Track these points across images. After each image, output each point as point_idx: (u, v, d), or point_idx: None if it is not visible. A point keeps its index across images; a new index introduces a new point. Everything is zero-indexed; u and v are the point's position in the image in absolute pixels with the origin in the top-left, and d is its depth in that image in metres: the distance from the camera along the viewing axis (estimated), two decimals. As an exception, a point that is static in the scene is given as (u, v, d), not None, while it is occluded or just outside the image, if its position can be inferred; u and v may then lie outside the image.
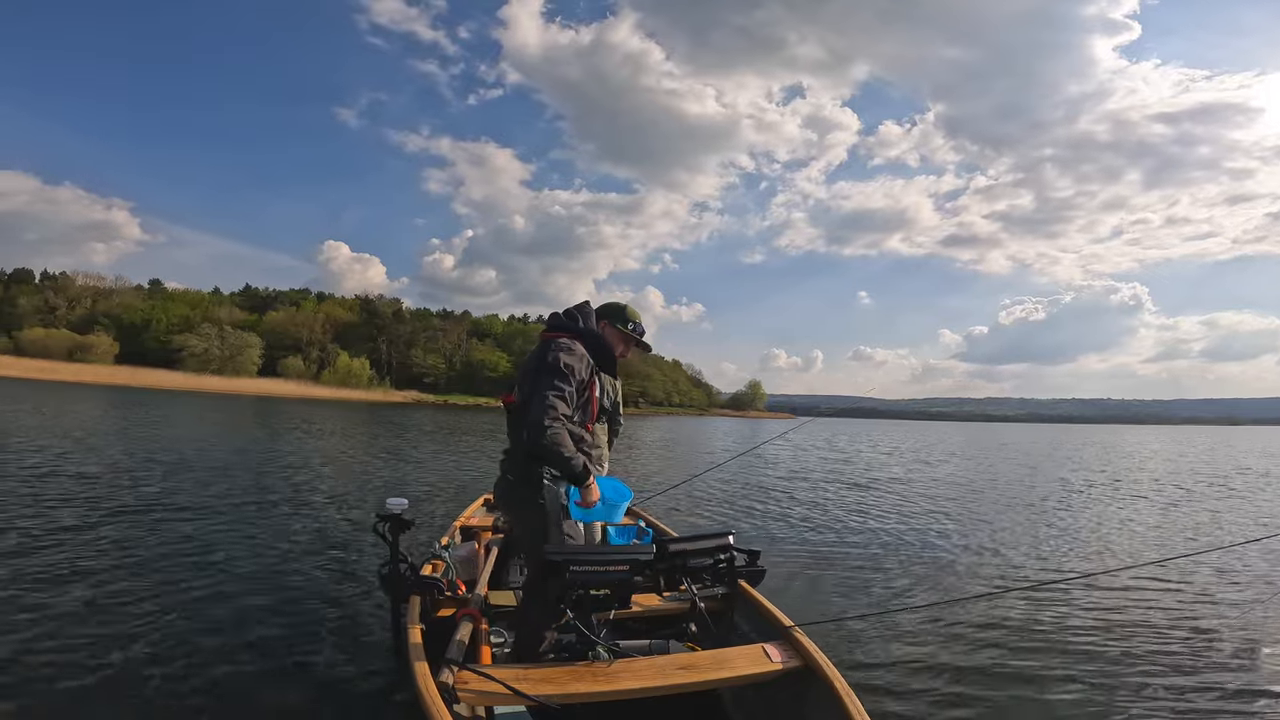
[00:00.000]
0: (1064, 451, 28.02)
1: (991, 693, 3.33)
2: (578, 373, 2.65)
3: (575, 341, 2.75)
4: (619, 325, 3.00)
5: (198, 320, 79.00)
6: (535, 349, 2.81)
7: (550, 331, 2.83)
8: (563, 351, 2.66)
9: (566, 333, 2.80)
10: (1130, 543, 7.65)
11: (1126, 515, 9.82)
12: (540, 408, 2.50)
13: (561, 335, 2.78)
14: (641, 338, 3.08)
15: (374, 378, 79.77)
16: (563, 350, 2.66)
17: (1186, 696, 3.38)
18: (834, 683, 2.27)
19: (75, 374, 57.74)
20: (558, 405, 2.52)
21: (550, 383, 2.57)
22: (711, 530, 2.94)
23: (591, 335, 2.82)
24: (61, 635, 3.46)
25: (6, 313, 75.78)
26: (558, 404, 2.52)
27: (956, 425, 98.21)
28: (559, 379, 2.58)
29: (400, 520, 3.06)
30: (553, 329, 2.84)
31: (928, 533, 7.77)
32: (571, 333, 2.80)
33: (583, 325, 2.83)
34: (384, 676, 3.18)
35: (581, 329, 2.81)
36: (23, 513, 6.13)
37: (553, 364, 2.61)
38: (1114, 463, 21.41)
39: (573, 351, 2.68)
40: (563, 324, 2.84)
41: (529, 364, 2.76)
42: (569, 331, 2.80)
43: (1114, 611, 4.78)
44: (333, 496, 8.32)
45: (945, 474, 16.13)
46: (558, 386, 2.56)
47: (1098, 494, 12.53)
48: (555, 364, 2.61)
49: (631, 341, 3.06)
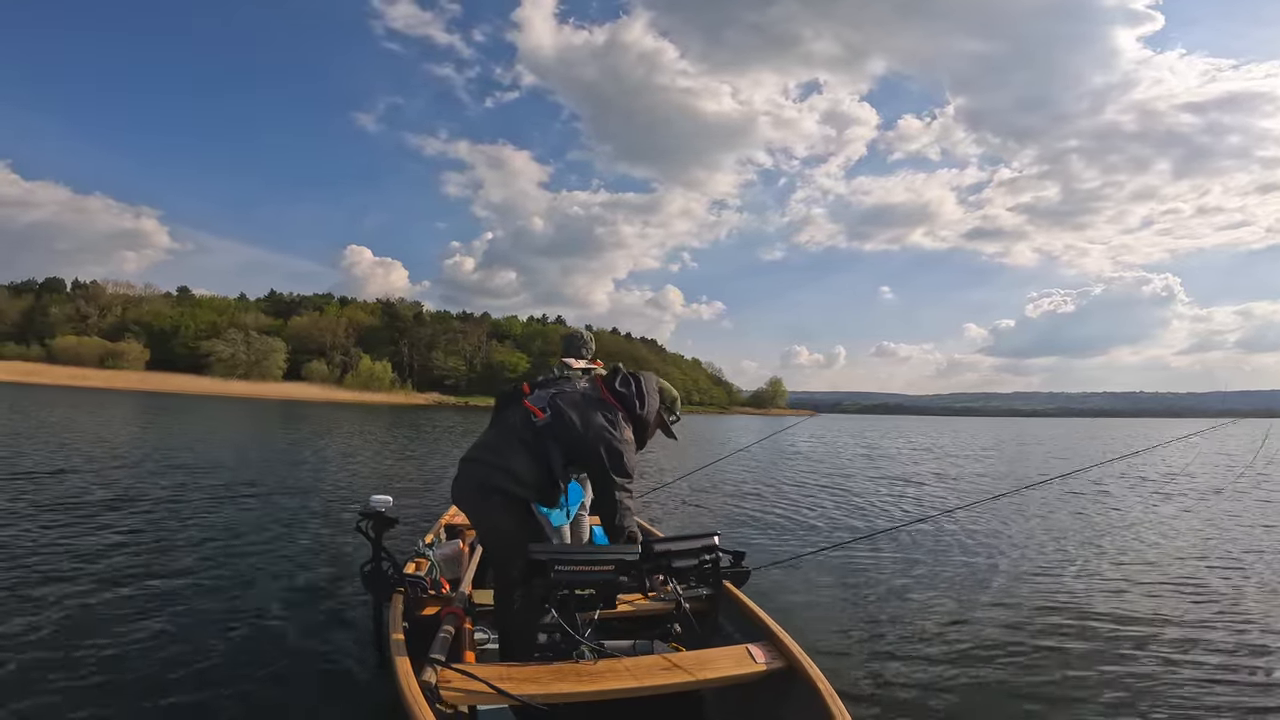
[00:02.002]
0: (1095, 444, 27.40)
1: (977, 695, 3.30)
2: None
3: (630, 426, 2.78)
4: (665, 415, 3.01)
5: (224, 326, 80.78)
6: (592, 403, 2.75)
7: (611, 395, 2.81)
8: (628, 447, 2.72)
9: (624, 407, 2.79)
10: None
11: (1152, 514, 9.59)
12: (613, 508, 2.66)
13: (620, 408, 2.78)
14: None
15: (396, 380, 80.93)
16: (629, 446, 2.72)
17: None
18: (817, 684, 2.25)
19: (107, 380, 59.46)
20: (626, 501, 2.67)
21: (621, 479, 2.67)
22: (697, 531, 2.93)
23: (641, 424, 2.83)
24: (46, 627, 3.50)
25: (39, 321, 78.12)
26: (627, 500, 2.67)
27: (983, 420, 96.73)
28: (629, 477, 2.69)
29: (384, 518, 3.03)
30: (613, 395, 2.82)
31: (915, 535, 7.67)
32: (627, 411, 2.79)
33: (642, 412, 2.82)
34: (367, 675, 3.15)
35: (639, 416, 2.81)
36: (45, 512, 6.25)
37: (625, 464, 2.68)
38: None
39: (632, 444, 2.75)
40: (626, 400, 2.81)
41: (580, 416, 2.70)
42: (626, 408, 2.79)
43: (1119, 612, 4.68)
44: (326, 495, 8.36)
45: (940, 470, 15.91)
46: (628, 488, 2.69)
47: (1115, 492, 12.24)
48: (625, 466, 2.68)
49: (664, 430, 3.06)
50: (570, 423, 2.67)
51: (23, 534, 5.54)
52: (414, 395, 77.85)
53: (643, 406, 2.80)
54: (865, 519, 8.59)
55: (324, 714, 2.85)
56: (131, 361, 73.15)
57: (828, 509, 9.30)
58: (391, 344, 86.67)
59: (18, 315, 79.30)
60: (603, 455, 2.65)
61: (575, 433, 2.66)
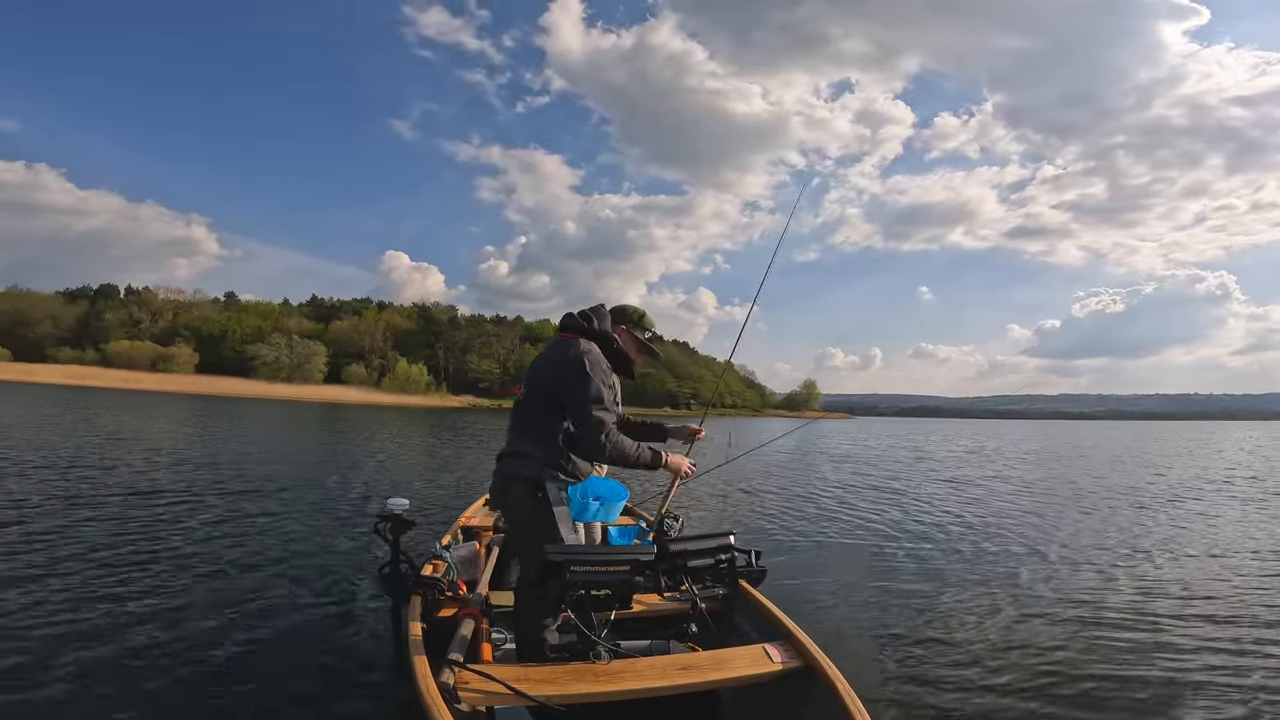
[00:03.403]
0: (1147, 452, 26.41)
1: (996, 695, 3.25)
2: (608, 379, 2.64)
3: (593, 344, 2.69)
4: (637, 333, 2.95)
5: (269, 331, 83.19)
6: (550, 349, 2.76)
7: (565, 332, 2.77)
8: (588, 357, 2.60)
9: (581, 334, 2.73)
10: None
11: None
12: (591, 430, 2.54)
13: (577, 337, 2.71)
14: (651, 347, 3.00)
15: (431, 383, 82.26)
16: (588, 356, 2.60)
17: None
18: (835, 683, 2.22)
19: (159, 383, 61.82)
20: (605, 420, 2.55)
21: (588, 395, 2.56)
22: (712, 530, 2.92)
23: (605, 339, 2.76)
24: (59, 623, 3.58)
25: (94, 327, 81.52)
26: (605, 418, 2.55)
27: (1025, 423, 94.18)
28: (594, 389, 2.56)
29: (401, 520, 3.07)
30: (566, 329, 2.78)
31: (935, 534, 7.54)
32: (586, 334, 2.73)
33: (597, 327, 2.76)
34: (385, 676, 3.19)
35: (596, 331, 2.75)
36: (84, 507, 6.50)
37: (584, 373, 2.56)
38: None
39: (598, 360, 2.63)
40: (577, 325, 2.76)
41: (544, 362, 2.73)
42: (583, 334, 2.73)
43: (1142, 612, 4.58)
44: (351, 496, 8.49)
45: (962, 473, 15.54)
46: (597, 397, 2.56)
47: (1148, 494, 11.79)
48: (586, 374, 2.56)
49: (644, 349, 3.00)
50: (536, 377, 2.71)
51: (67, 526, 5.80)
52: (449, 398, 79.10)
53: (591, 323, 2.76)
54: (886, 520, 8.44)
55: (342, 714, 2.89)
56: (181, 365, 75.89)
57: (848, 509, 9.18)
58: (427, 347, 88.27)
59: (74, 321, 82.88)
60: (554, 376, 2.62)
61: (537, 373, 2.70)
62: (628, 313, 2.96)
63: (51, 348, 77.66)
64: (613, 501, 2.77)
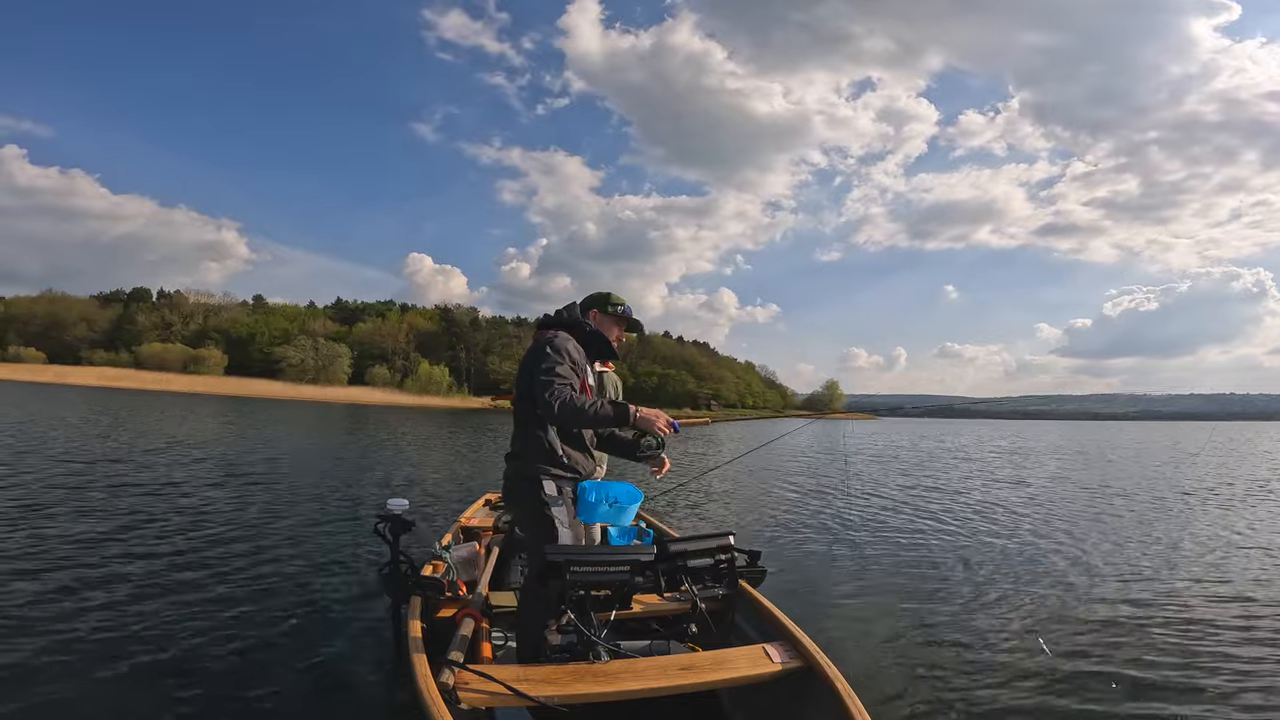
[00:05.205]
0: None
1: (997, 693, 3.23)
2: (569, 354, 2.73)
3: (559, 333, 2.84)
4: (605, 310, 3.07)
5: (295, 333, 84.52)
6: (528, 350, 2.91)
7: (538, 330, 2.96)
8: (550, 344, 2.75)
9: (553, 328, 2.90)
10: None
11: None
12: (543, 389, 2.60)
13: (549, 331, 2.88)
14: (628, 318, 3.11)
15: (453, 384, 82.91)
16: (551, 343, 2.75)
17: None
18: (835, 683, 2.22)
19: (189, 385, 63.08)
20: (553, 380, 2.62)
21: (540, 367, 2.67)
22: (712, 531, 2.92)
23: (577, 325, 2.92)
24: (56, 620, 3.64)
25: (127, 329, 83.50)
26: (553, 379, 2.63)
27: (1054, 424, 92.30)
28: (548, 360, 2.68)
29: (401, 520, 3.10)
30: (542, 328, 2.96)
31: (938, 533, 7.45)
32: (556, 327, 2.90)
33: (566, 316, 2.95)
34: (385, 677, 3.20)
35: (565, 320, 2.93)
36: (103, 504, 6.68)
37: (543, 353, 2.71)
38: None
39: (562, 345, 2.76)
40: (548, 322, 2.97)
41: (522, 363, 2.87)
42: (553, 327, 2.92)
43: (1146, 619, 4.50)
44: (352, 497, 8.57)
45: (966, 471, 15.39)
46: (549, 367, 2.66)
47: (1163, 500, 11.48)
48: (545, 354, 2.71)
49: (622, 323, 3.10)
50: (518, 377, 2.85)
51: (67, 525, 5.92)
52: (470, 399, 79.61)
53: (561, 316, 2.94)
54: (891, 521, 8.37)
55: (343, 714, 2.91)
56: (211, 367, 77.43)
57: (849, 509, 9.13)
58: (449, 349, 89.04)
59: (107, 324, 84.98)
60: (526, 370, 2.75)
61: (519, 374, 2.83)
62: (595, 298, 3.12)
63: (86, 350, 79.77)
64: (627, 505, 2.78)
